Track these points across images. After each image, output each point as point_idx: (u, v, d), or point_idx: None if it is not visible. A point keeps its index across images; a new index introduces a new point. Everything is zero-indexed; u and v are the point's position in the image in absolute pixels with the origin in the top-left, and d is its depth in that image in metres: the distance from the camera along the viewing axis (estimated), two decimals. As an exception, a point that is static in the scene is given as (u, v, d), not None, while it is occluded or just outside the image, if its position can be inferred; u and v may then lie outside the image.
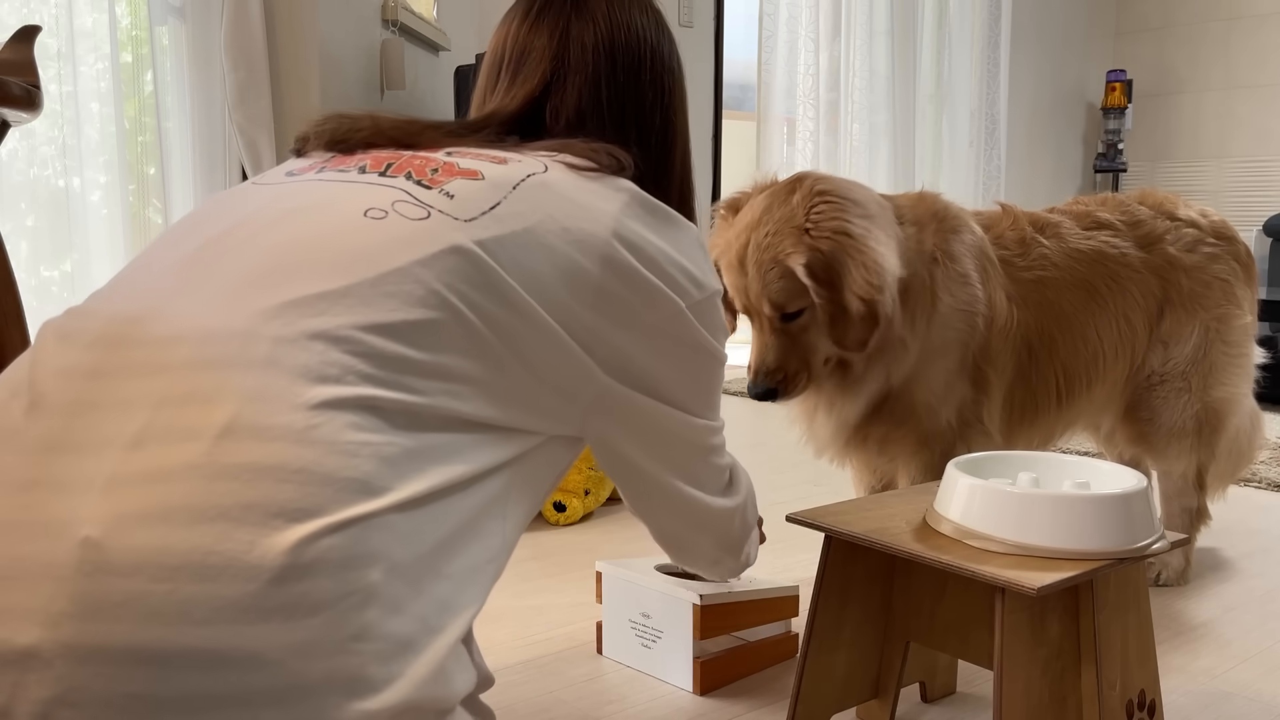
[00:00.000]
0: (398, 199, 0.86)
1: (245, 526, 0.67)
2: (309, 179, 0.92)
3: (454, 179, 0.90)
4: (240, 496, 0.68)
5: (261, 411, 0.71)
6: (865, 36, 4.83)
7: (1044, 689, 1.09)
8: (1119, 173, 5.99)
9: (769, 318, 1.58)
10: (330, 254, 0.80)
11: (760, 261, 1.55)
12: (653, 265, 0.94)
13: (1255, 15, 5.60)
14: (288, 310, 0.76)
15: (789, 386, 1.61)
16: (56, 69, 2.76)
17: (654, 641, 1.46)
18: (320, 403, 0.73)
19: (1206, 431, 1.88)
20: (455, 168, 0.92)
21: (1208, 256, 1.87)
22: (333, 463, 0.71)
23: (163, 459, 0.69)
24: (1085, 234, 1.82)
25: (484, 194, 0.88)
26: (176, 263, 0.83)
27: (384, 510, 0.72)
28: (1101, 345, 1.80)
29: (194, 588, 0.65)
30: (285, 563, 0.67)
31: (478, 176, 0.90)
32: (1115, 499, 1.08)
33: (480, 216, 0.86)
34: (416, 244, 0.82)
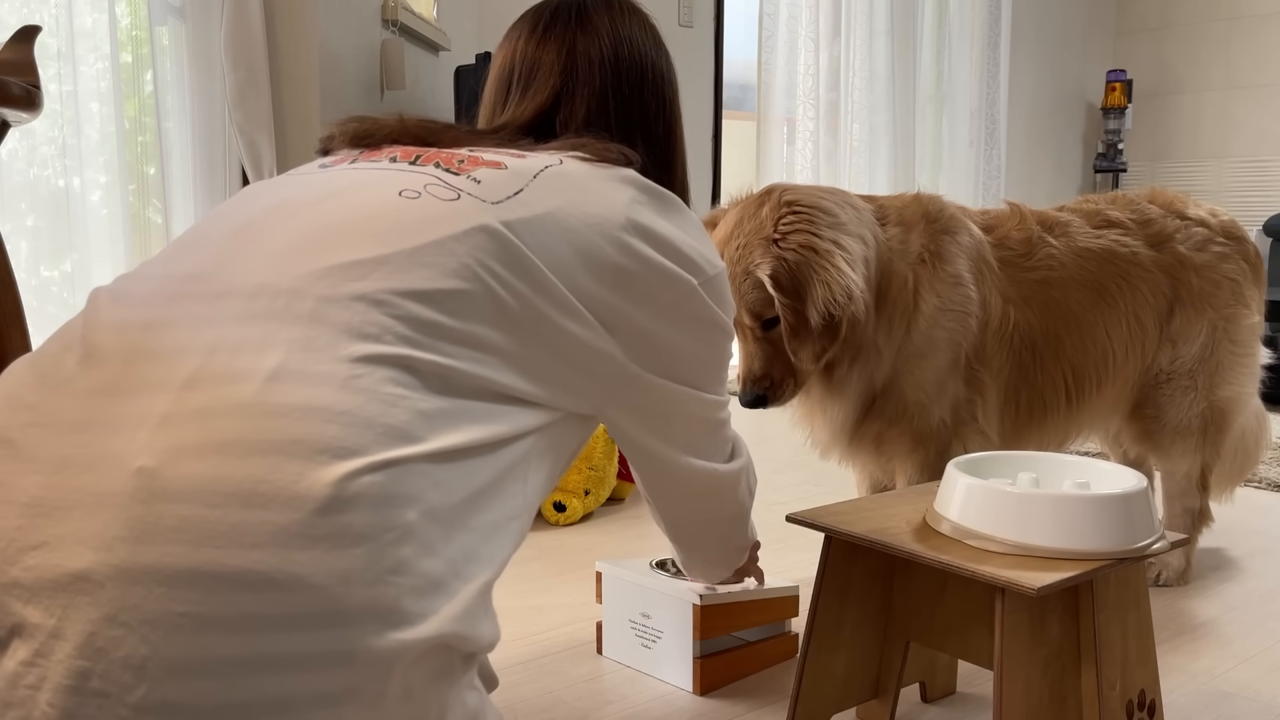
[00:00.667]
0: (429, 182, 0.92)
1: (294, 460, 0.71)
2: (344, 169, 0.97)
3: (479, 168, 0.95)
4: (289, 432, 0.73)
5: (309, 359, 0.77)
6: (865, 36, 4.83)
7: (1044, 689, 1.09)
8: (1119, 173, 5.99)
9: (750, 327, 1.61)
10: (370, 226, 0.86)
11: (734, 274, 1.57)
12: (665, 247, 1.00)
13: (1255, 15, 5.60)
14: (332, 273, 0.82)
15: (777, 392, 1.63)
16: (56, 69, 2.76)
17: (654, 641, 1.46)
18: (361, 356, 0.78)
19: (1212, 431, 1.88)
20: (479, 159, 0.97)
21: (1217, 256, 1.87)
22: (373, 409, 0.76)
23: (216, 397, 0.74)
24: (1095, 233, 1.82)
25: (508, 181, 0.94)
26: (227, 233, 0.89)
27: (420, 457, 0.76)
28: (1111, 344, 1.79)
29: (245, 514, 0.69)
30: (330, 494, 0.71)
31: (501, 166, 0.96)
32: (1115, 499, 1.08)
33: (506, 200, 0.92)
34: (448, 221, 0.88)
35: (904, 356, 1.64)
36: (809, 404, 1.74)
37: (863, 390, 1.66)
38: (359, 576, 0.71)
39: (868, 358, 1.64)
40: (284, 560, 0.69)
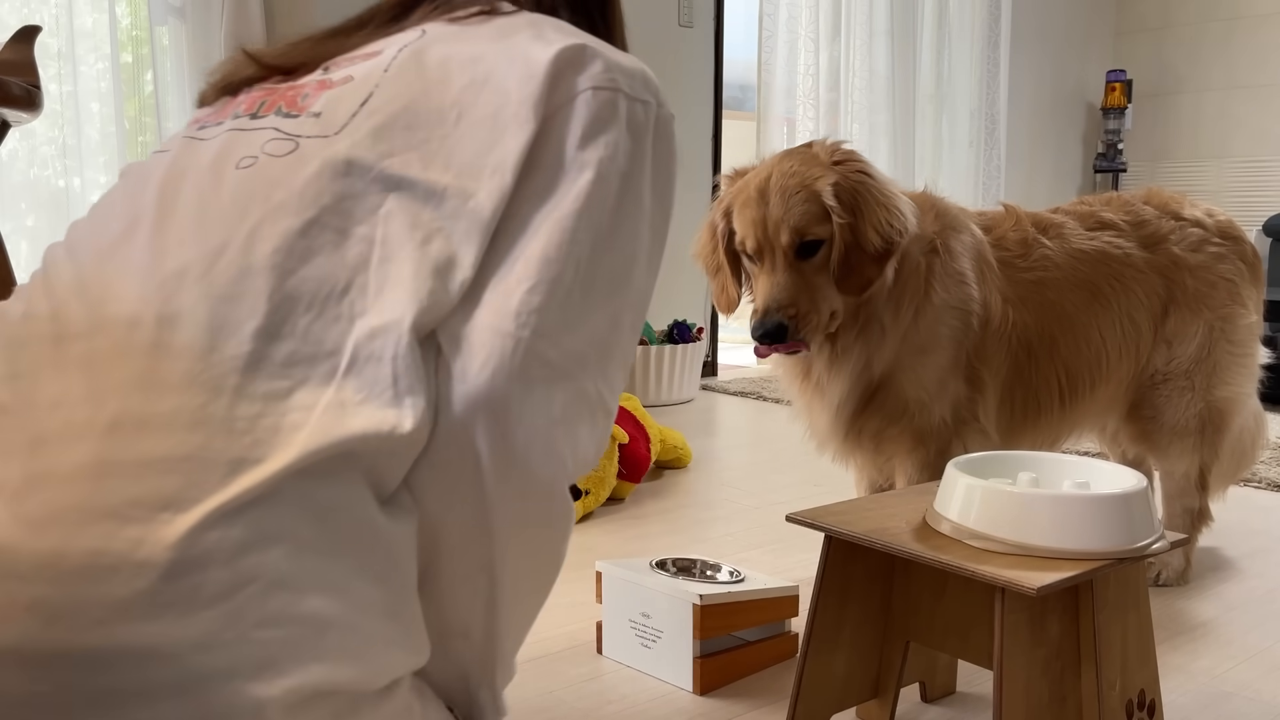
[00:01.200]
0: (268, 139, 0.85)
1: (132, 524, 0.66)
2: (191, 137, 0.90)
3: (322, 94, 0.87)
4: (127, 493, 0.67)
5: (148, 400, 0.70)
6: (865, 36, 4.83)
7: (1044, 689, 1.09)
8: (1119, 173, 5.99)
9: (785, 249, 1.58)
10: (206, 216, 0.80)
11: (785, 187, 1.57)
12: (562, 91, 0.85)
13: (1255, 15, 5.60)
14: (166, 285, 0.76)
15: (800, 325, 1.56)
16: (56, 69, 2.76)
17: (654, 641, 1.46)
18: (210, 376, 0.72)
19: (1210, 431, 1.88)
20: (328, 82, 0.89)
21: (1213, 256, 1.87)
22: (221, 443, 0.69)
23: (57, 460, 0.69)
24: (1089, 234, 1.82)
25: (352, 95, 0.86)
26: (74, 258, 0.83)
27: (283, 476, 0.69)
28: (1105, 345, 1.80)
29: (89, 589, 0.65)
30: (172, 558, 0.65)
31: (347, 82, 0.88)
32: (1115, 499, 1.08)
33: (349, 122, 0.84)
34: (286, 180, 0.81)
35: (907, 349, 1.64)
36: (808, 387, 1.72)
37: (863, 371, 1.65)
38: (217, 640, 0.66)
39: (872, 333, 1.63)
40: (134, 634, 0.65)
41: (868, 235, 1.54)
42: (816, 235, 1.56)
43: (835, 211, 1.54)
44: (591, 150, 0.83)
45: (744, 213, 1.61)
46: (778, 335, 1.54)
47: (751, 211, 1.59)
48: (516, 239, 0.81)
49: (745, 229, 1.61)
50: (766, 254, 1.59)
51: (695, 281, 4.41)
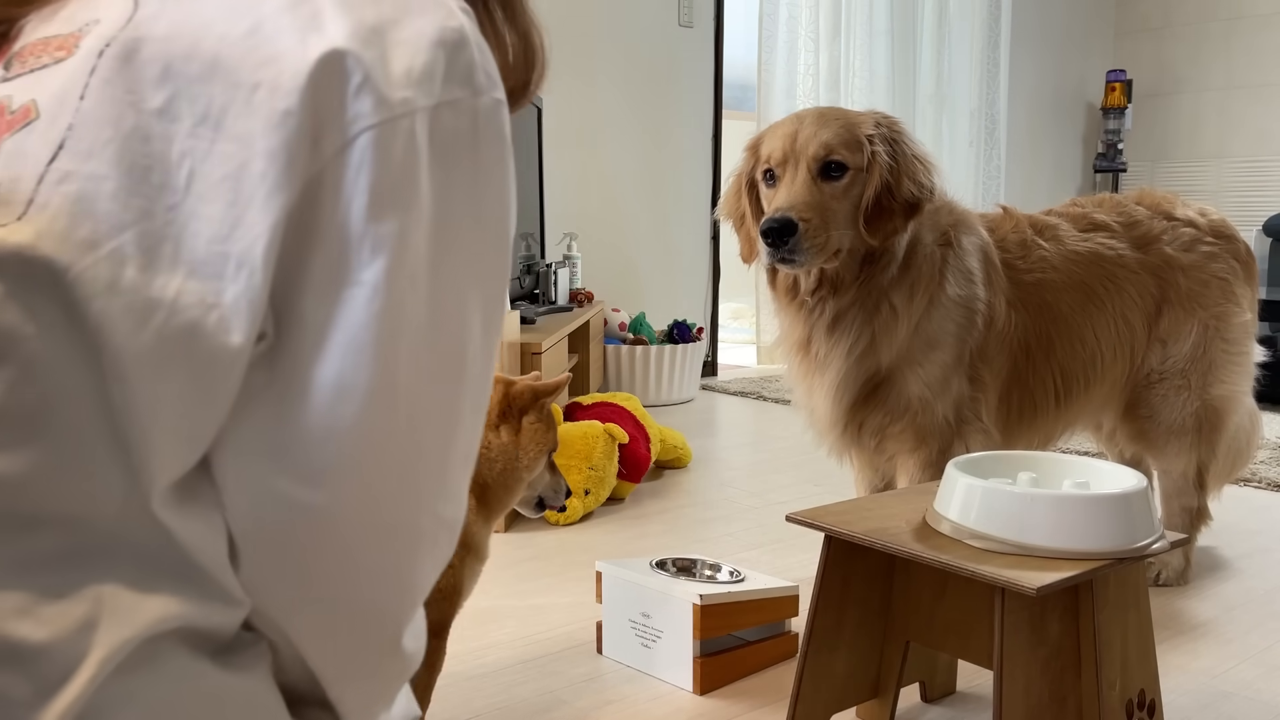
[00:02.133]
0: None
1: None
2: None
3: (3, 142, 0.57)
4: None
5: None
6: (865, 37, 4.83)
7: (1044, 689, 1.09)
8: (1119, 173, 5.99)
9: (809, 161, 1.59)
10: None
11: (824, 114, 1.62)
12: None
13: (1255, 15, 5.60)
14: None
15: (808, 233, 1.53)
16: (56, 69, 2.76)
17: (654, 641, 1.46)
18: None
19: (1207, 429, 1.88)
20: (6, 113, 0.58)
21: (1206, 255, 1.87)
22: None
23: None
24: (1082, 236, 1.83)
25: (38, 147, 0.55)
26: None
27: (87, 694, 0.51)
28: (1099, 346, 1.81)
29: None
30: None
31: (30, 116, 0.57)
32: (1115, 499, 1.08)
33: (36, 192, 0.54)
34: None
35: (919, 341, 1.64)
36: (808, 364, 1.71)
37: (865, 350, 1.64)
38: None
39: (879, 313, 1.63)
40: None
41: (902, 181, 1.57)
42: (843, 158, 1.58)
43: (875, 147, 1.58)
44: (386, 221, 0.56)
45: (775, 132, 1.65)
46: (786, 229, 1.51)
47: (783, 128, 1.64)
48: (294, 354, 0.56)
49: (773, 144, 1.63)
50: (790, 166, 1.59)
51: (695, 281, 4.41)
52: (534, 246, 3.50)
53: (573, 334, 3.25)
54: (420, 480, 0.61)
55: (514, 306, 2.81)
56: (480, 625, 1.63)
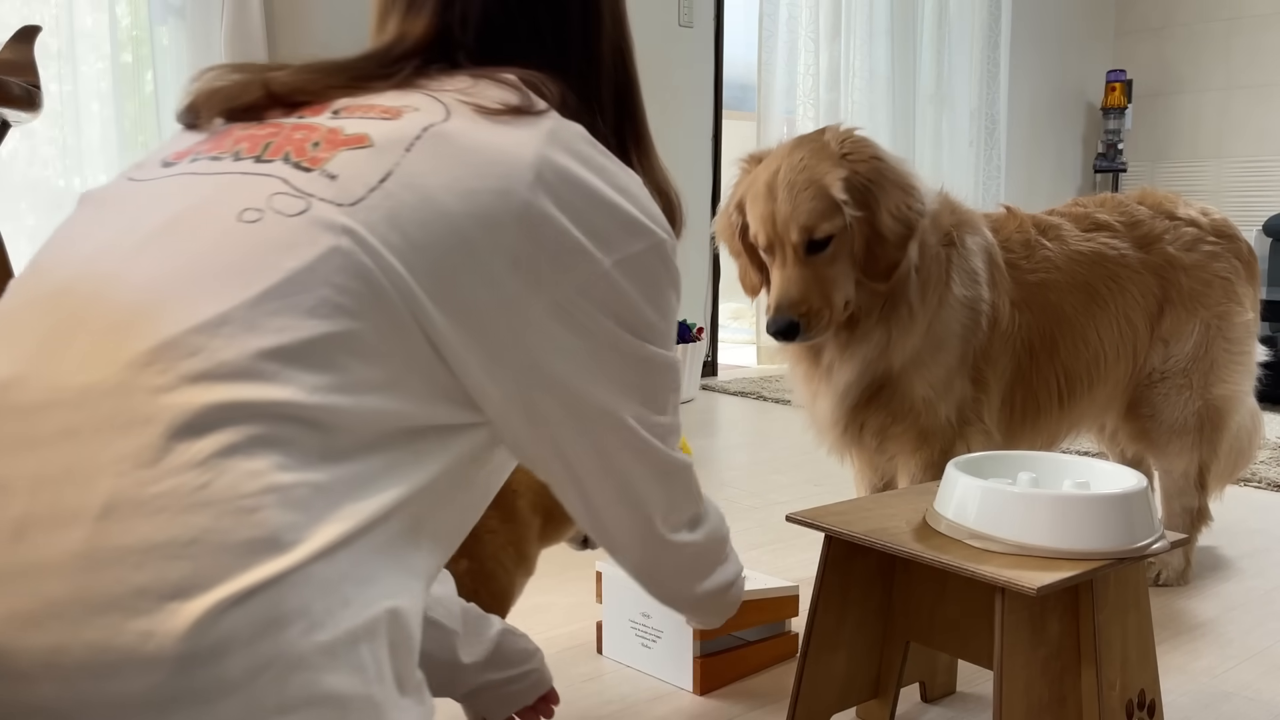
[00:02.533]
0: (275, 191, 0.76)
1: (139, 616, 0.61)
2: (181, 172, 0.81)
3: (338, 153, 0.78)
4: (130, 582, 0.61)
5: (144, 481, 0.64)
6: (865, 36, 4.83)
7: (1044, 689, 1.09)
8: (1119, 173, 5.99)
9: (795, 246, 1.57)
10: (204, 275, 0.71)
11: (793, 183, 1.56)
12: (579, 215, 0.81)
13: (1255, 15, 5.60)
14: (163, 354, 0.67)
15: (812, 322, 1.57)
16: (56, 69, 2.76)
17: (654, 641, 1.46)
18: (209, 456, 0.64)
19: (1208, 429, 1.88)
20: (339, 135, 0.80)
21: (1208, 255, 1.87)
22: (228, 524, 0.63)
23: (46, 549, 0.63)
24: (1085, 236, 1.83)
25: (371, 165, 0.77)
26: (42, 308, 0.73)
27: (296, 566, 0.65)
28: (1102, 346, 1.80)
29: (96, 686, 0.60)
30: (186, 650, 0.60)
31: (364, 143, 0.79)
32: (1115, 499, 1.08)
33: (367, 195, 0.76)
34: (297, 246, 0.72)
35: (929, 341, 1.64)
36: (816, 370, 1.70)
37: (878, 355, 1.64)
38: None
39: (899, 315, 1.62)
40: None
41: (885, 223, 1.54)
42: (825, 232, 1.56)
43: (849, 207, 1.54)
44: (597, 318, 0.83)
45: (754, 208, 1.61)
46: (790, 332, 1.56)
47: (761, 207, 1.60)
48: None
49: (756, 225, 1.62)
50: (778, 249, 1.59)
51: (695, 281, 4.41)
52: (534, 246, 3.49)
53: (573, 334, 3.24)
54: (629, 416, 0.88)
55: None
56: (480, 625, 1.63)
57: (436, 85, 0.87)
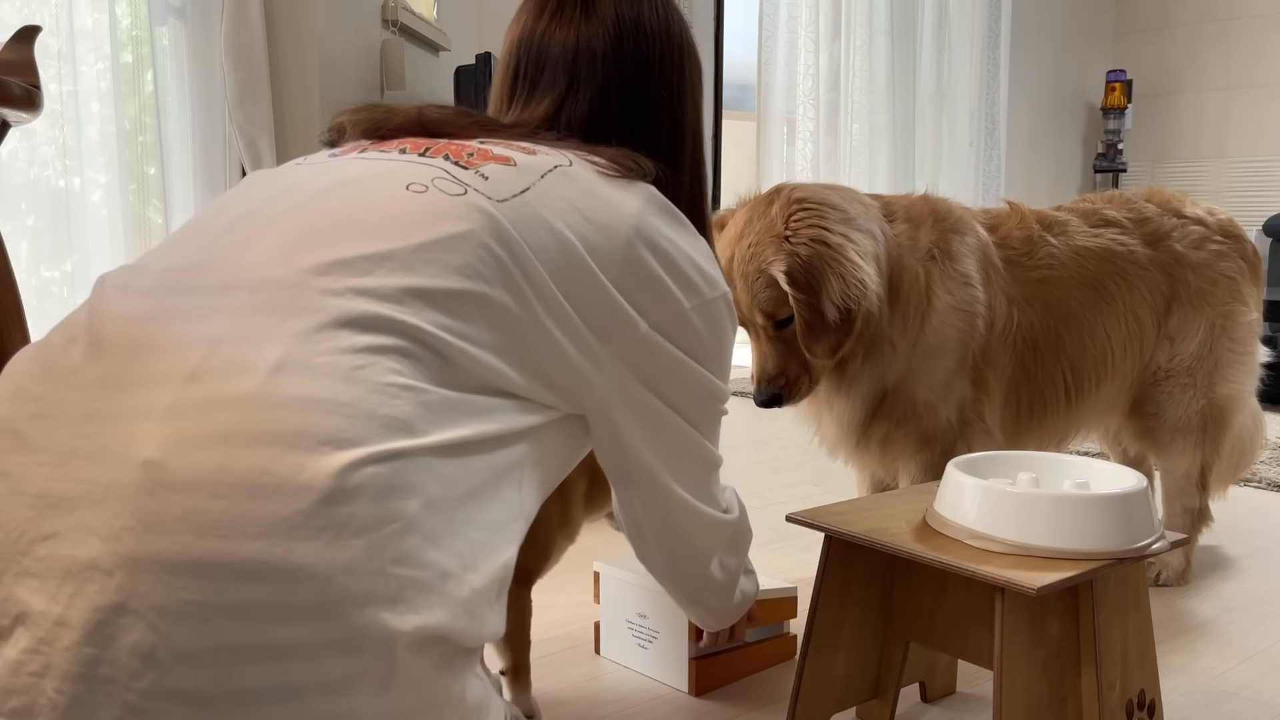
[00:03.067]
0: (437, 176, 0.91)
1: (297, 451, 0.72)
2: (352, 158, 0.96)
3: (488, 163, 0.95)
4: (292, 424, 0.73)
5: (311, 352, 0.77)
6: (865, 37, 4.83)
7: (1044, 689, 1.09)
8: (1119, 173, 5.99)
9: (763, 327, 1.61)
10: (375, 220, 0.86)
11: (746, 273, 1.57)
12: (669, 264, 0.99)
13: (1255, 15, 5.60)
14: (336, 268, 0.82)
15: (792, 392, 1.63)
16: (56, 69, 2.76)
17: (650, 642, 1.46)
18: (364, 348, 0.78)
19: (1211, 429, 1.88)
20: (489, 153, 0.96)
21: (1215, 254, 1.87)
22: (375, 400, 0.76)
23: (220, 389, 0.74)
24: (1093, 232, 1.82)
25: (515, 178, 0.93)
26: (228, 223, 0.88)
27: (422, 450, 0.76)
28: (1110, 343, 1.80)
29: (249, 504, 0.70)
30: (333, 485, 0.71)
31: (510, 163, 0.95)
32: (1115, 499, 1.08)
33: (512, 198, 0.91)
34: (453, 218, 0.87)
35: (918, 354, 1.65)
36: (816, 402, 1.74)
37: (874, 388, 1.67)
38: (361, 567, 0.71)
39: (881, 353, 1.64)
40: (288, 550, 0.69)
41: (826, 309, 1.53)
42: (787, 313, 1.58)
43: (790, 294, 1.54)
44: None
45: None
46: (775, 403, 1.64)
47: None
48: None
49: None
50: (750, 327, 1.64)
51: (695, 281, 4.40)
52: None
53: (573, 334, 3.24)
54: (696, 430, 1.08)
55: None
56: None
57: (557, 144, 1.04)
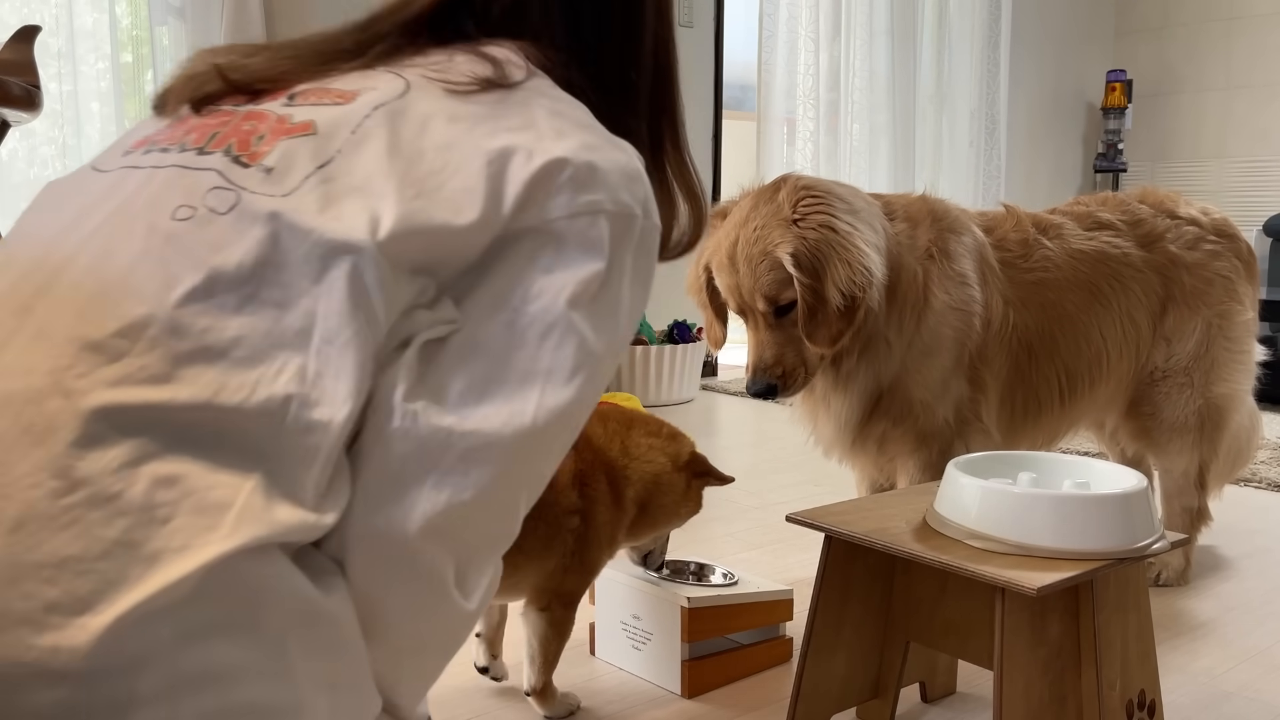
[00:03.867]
0: (212, 186, 0.75)
1: (48, 630, 0.60)
2: (132, 165, 0.80)
3: (279, 142, 0.77)
4: (42, 597, 0.60)
5: (55, 491, 0.63)
6: (865, 37, 4.83)
7: (1044, 689, 1.09)
8: (1119, 173, 5.99)
9: (763, 314, 1.60)
10: (132, 278, 0.71)
11: (750, 256, 1.57)
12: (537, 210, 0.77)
13: (1255, 15, 5.60)
14: (83, 358, 0.67)
15: (787, 382, 1.62)
16: (56, 69, 2.76)
17: (644, 643, 1.46)
18: (121, 464, 0.64)
19: (1209, 428, 1.88)
20: (286, 124, 0.79)
21: (1209, 254, 1.87)
22: (140, 534, 0.63)
23: None
24: (1087, 234, 1.83)
25: (313, 151, 0.76)
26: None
27: (208, 568, 0.63)
28: (1105, 344, 1.80)
29: (8, 701, 0.60)
30: (93, 665, 0.60)
31: (309, 131, 0.78)
32: (1115, 499, 1.08)
33: (302, 184, 0.74)
34: (226, 245, 0.72)
35: (913, 354, 1.65)
36: (812, 400, 1.74)
37: (869, 386, 1.67)
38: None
39: (877, 351, 1.64)
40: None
41: (830, 295, 1.54)
42: (789, 299, 1.58)
43: (796, 277, 1.54)
44: (559, 275, 0.76)
45: (721, 276, 1.64)
46: (769, 394, 1.62)
47: (726, 277, 1.62)
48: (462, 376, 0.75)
49: (725, 292, 1.65)
50: (749, 314, 1.63)
51: (695, 281, 4.41)
52: (534, 246, 3.49)
53: (573, 334, 3.24)
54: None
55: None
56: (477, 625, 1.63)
57: (408, 62, 0.84)
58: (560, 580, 1.28)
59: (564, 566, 1.27)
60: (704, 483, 1.42)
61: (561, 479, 1.25)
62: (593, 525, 1.28)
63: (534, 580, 1.28)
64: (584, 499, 1.27)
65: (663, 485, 1.36)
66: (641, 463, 1.35)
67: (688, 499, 1.40)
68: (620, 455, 1.34)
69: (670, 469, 1.37)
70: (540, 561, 1.26)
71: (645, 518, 1.37)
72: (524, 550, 1.20)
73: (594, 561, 1.32)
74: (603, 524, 1.30)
